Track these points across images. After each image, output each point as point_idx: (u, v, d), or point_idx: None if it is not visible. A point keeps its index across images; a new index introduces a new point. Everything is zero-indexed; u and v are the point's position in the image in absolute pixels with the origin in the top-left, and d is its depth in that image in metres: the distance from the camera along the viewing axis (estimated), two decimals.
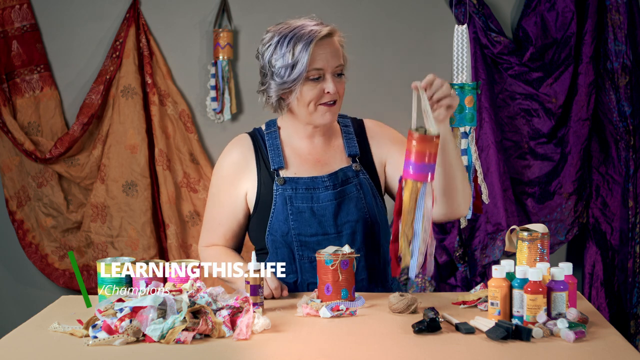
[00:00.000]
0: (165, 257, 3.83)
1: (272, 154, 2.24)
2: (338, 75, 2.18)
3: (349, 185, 2.22)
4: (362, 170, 2.25)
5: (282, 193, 2.20)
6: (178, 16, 3.86)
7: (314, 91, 2.15)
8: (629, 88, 3.71)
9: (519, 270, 1.84)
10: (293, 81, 2.14)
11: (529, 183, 3.80)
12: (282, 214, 2.19)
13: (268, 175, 2.23)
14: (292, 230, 2.19)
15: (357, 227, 2.20)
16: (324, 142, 2.27)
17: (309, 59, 2.12)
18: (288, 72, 2.14)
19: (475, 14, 3.72)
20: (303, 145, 2.27)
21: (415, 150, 1.89)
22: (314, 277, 2.19)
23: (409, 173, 1.90)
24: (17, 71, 3.84)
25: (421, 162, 1.89)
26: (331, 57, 2.15)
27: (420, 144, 1.88)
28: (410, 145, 1.90)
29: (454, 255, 3.76)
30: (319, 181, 2.21)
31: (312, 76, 2.14)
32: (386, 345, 1.75)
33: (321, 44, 2.14)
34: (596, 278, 3.81)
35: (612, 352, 1.69)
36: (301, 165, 2.24)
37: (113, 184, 3.79)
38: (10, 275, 4.00)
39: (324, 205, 2.19)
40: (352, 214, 2.20)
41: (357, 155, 2.26)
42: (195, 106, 3.90)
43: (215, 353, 1.73)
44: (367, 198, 2.22)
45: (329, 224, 2.19)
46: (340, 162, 2.26)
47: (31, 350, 1.77)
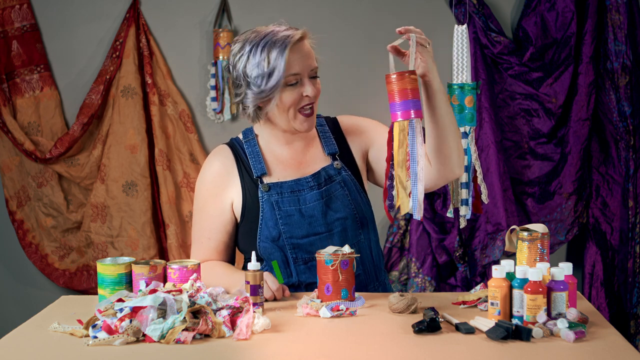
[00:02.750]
0: (165, 257, 3.83)
1: (254, 162, 2.23)
2: (313, 78, 2.18)
3: (333, 184, 2.22)
4: (344, 168, 2.24)
5: (269, 199, 2.19)
6: (178, 16, 3.86)
7: (293, 96, 2.14)
8: (629, 88, 3.71)
9: (519, 270, 1.84)
10: (271, 89, 2.12)
11: (529, 183, 3.80)
12: (271, 220, 2.18)
13: (252, 183, 2.22)
14: (283, 234, 2.18)
15: (347, 224, 2.20)
16: (304, 145, 2.27)
17: (285, 64, 2.10)
18: (265, 80, 2.12)
19: (475, 14, 3.72)
20: (283, 151, 2.26)
21: (397, 90, 1.93)
22: (311, 278, 2.20)
23: (395, 115, 1.94)
24: (17, 71, 3.84)
25: (403, 100, 1.92)
26: (306, 61, 2.15)
27: (399, 82, 1.93)
28: (390, 86, 1.94)
29: (454, 255, 3.76)
30: (303, 182, 2.21)
31: (290, 82, 2.13)
32: (386, 345, 1.75)
33: (295, 48, 2.13)
34: (596, 278, 3.81)
35: (612, 352, 1.69)
36: (284, 170, 2.24)
37: (113, 184, 3.79)
38: (10, 275, 4.00)
39: (311, 206, 2.19)
40: (340, 212, 2.20)
41: (337, 153, 2.26)
42: (195, 106, 3.90)
43: (215, 353, 1.73)
44: (352, 195, 2.22)
45: (318, 224, 2.19)
46: (321, 162, 2.26)
47: (31, 350, 1.77)
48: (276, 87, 2.12)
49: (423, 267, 3.77)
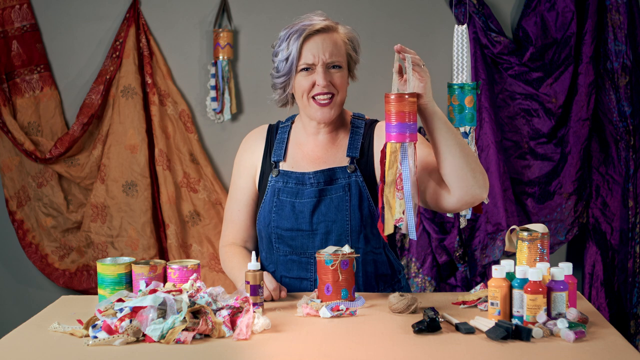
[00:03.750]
0: (165, 257, 3.83)
1: (276, 147, 2.30)
2: (333, 68, 2.19)
3: (335, 186, 2.22)
4: (357, 173, 2.24)
5: (274, 185, 2.26)
6: (178, 16, 3.86)
7: (305, 82, 2.19)
8: (629, 88, 3.71)
9: (519, 270, 1.84)
10: (287, 73, 2.20)
11: (529, 183, 3.80)
12: (268, 205, 2.25)
13: (268, 166, 2.29)
14: (272, 222, 2.23)
15: (332, 227, 2.20)
16: (329, 140, 2.29)
17: (297, 51, 2.17)
18: (283, 64, 2.21)
19: (475, 14, 3.72)
20: (307, 142, 2.30)
21: (394, 111, 1.95)
22: (287, 271, 2.24)
23: (390, 136, 1.96)
24: (17, 71, 3.84)
25: (399, 122, 1.95)
26: (323, 52, 2.17)
27: (397, 104, 1.95)
28: (388, 107, 1.97)
29: (454, 255, 3.76)
30: (307, 177, 2.24)
31: (302, 68, 2.19)
32: (386, 345, 1.75)
33: (314, 38, 2.18)
34: (596, 278, 3.81)
35: (612, 352, 1.69)
36: (300, 161, 2.27)
37: (113, 184, 3.79)
38: (10, 275, 4.00)
39: (304, 202, 2.22)
40: (330, 214, 2.20)
41: (356, 157, 2.26)
42: (195, 106, 3.90)
43: (215, 353, 1.73)
44: (353, 200, 2.21)
45: (304, 221, 2.21)
46: (338, 161, 2.26)
47: (31, 350, 1.77)
48: (290, 72, 2.19)
49: (423, 267, 3.77)
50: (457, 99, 2.34)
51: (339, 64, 2.20)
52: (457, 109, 2.32)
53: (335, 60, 2.19)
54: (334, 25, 2.22)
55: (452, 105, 2.39)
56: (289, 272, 2.24)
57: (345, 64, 2.23)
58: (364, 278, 2.24)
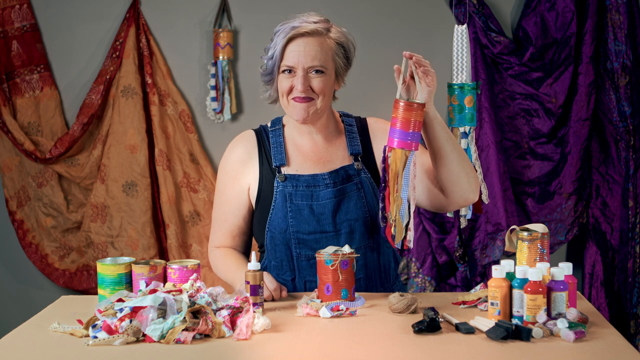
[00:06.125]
0: (165, 257, 3.83)
1: (275, 151, 2.26)
2: (315, 72, 2.17)
3: (349, 184, 2.22)
4: (364, 169, 2.25)
5: (283, 190, 2.21)
6: (178, 16, 3.86)
7: (286, 84, 2.18)
8: (629, 88, 3.71)
9: (519, 270, 1.84)
10: (270, 72, 2.20)
11: (529, 183, 3.80)
12: (282, 211, 2.20)
13: (270, 171, 2.24)
14: (290, 228, 2.19)
15: (355, 226, 2.20)
16: (326, 140, 2.28)
17: (280, 52, 2.16)
18: (269, 62, 2.21)
19: (475, 14, 3.72)
20: (305, 143, 2.27)
21: (401, 118, 1.95)
22: (311, 276, 2.20)
23: (393, 142, 1.97)
24: (17, 71, 3.84)
25: (406, 130, 1.95)
26: (305, 55, 2.15)
27: (406, 112, 1.95)
28: (396, 113, 1.97)
29: (454, 255, 3.76)
30: (320, 179, 2.22)
31: (283, 68, 2.18)
32: (386, 345, 1.75)
33: (298, 40, 2.16)
34: (596, 278, 3.81)
35: (612, 352, 1.69)
36: (303, 163, 2.25)
37: (113, 184, 3.79)
38: (10, 275, 4.00)
39: (323, 204, 2.20)
40: (351, 213, 2.20)
41: (360, 154, 2.26)
42: (195, 106, 3.90)
43: (215, 353, 1.73)
44: (367, 197, 2.22)
45: (327, 222, 2.19)
46: (342, 160, 2.26)
47: (31, 350, 1.77)
48: (272, 72, 2.19)
49: (423, 267, 3.77)
50: (457, 99, 2.34)
51: (321, 69, 2.16)
52: (457, 109, 2.32)
53: (317, 65, 2.15)
54: (323, 29, 2.18)
55: (452, 105, 2.39)
56: (314, 276, 2.16)
57: (332, 69, 2.19)
58: (379, 270, 2.26)
